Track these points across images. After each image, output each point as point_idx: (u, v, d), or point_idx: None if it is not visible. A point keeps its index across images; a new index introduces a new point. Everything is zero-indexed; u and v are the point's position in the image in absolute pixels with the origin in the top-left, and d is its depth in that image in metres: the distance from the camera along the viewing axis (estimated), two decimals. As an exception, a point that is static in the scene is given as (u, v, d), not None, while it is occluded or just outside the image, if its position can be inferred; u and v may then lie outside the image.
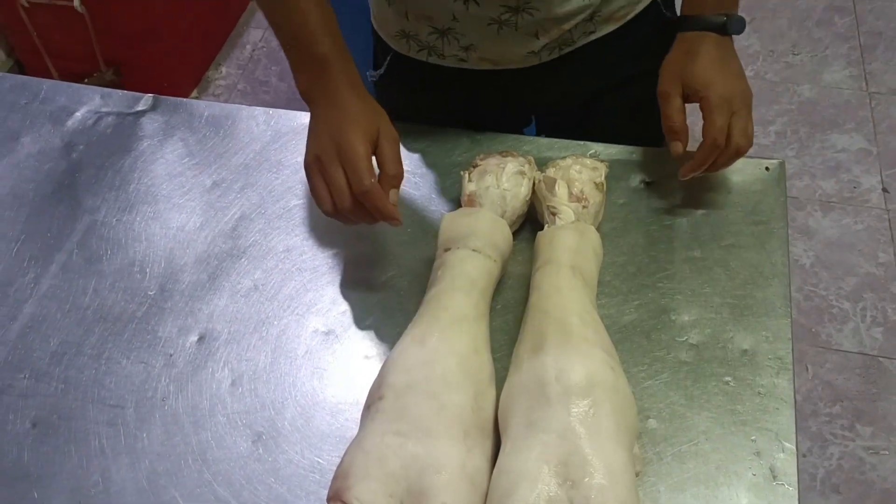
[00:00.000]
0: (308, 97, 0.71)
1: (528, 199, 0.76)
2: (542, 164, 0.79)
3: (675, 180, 0.79)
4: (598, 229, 0.73)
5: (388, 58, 0.86)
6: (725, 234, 0.78)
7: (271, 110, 0.94)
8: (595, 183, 0.75)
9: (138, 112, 0.95)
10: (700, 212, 0.79)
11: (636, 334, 0.71)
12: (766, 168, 0.83)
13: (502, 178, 0.75)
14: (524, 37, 0.78)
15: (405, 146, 0.82)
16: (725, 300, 0.73)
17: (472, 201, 0.74)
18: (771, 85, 1.98)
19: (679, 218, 0.79)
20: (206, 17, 2.05)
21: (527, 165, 0.77)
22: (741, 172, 0.82)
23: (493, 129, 0.85)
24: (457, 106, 0.86)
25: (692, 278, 0.74)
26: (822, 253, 1.68)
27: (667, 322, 0.71)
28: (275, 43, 2.15)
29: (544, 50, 0.81)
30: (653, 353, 0.69)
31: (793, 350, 0.70)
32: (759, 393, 0.67)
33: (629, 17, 0.82)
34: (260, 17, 2.22)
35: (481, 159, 0.78)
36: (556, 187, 0.74)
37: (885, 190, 1.77)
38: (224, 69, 2.09)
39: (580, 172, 0.75)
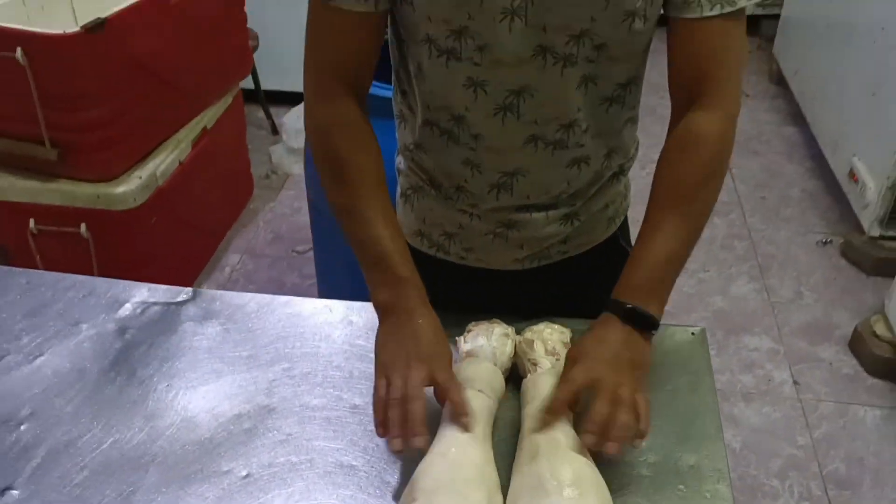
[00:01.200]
0: (386, 310, 0.90)
1: (511, 356, 0.96)
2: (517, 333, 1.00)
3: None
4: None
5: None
6: (666, 383, 0.98)
7: (294, 298, 1.14)
8: (563, 342, 0.96)
9: (180, 302, 1.14)
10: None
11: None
12: (692, 333, 1.06)
13: (492, 338, 0.96)
14: (512, 247, 1.03)
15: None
16: (672, 430, 0.92)
17: (470, 356, 0.94)
18: (687, 297, 2.29)
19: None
20: (192, 243, 2.29)
21: (510, 330, 0.98)
22: (672, 338, 1.05)
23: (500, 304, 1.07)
24: (457, 294, 1.06)
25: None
26: (748, 438, 1.89)
27: (629, 448, 0.90)
28: (251, 266, 2.40)
29: (526, 259, 1.05)
30: (620, 470, 0.87)
31: (728, 464, 0.89)
32: (706, 496, 0.84)
33: (594, 244, 1.07)
34: (238, 243, 2.49)
35: (474, 325, 0.99)
36: (535, 345, 0.95)
37: (795, 382, 2.03)
38: (205, 287, 2.30)
39: (551, 334, 0.97)
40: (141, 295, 1.15)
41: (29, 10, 2.04)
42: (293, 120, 2.89)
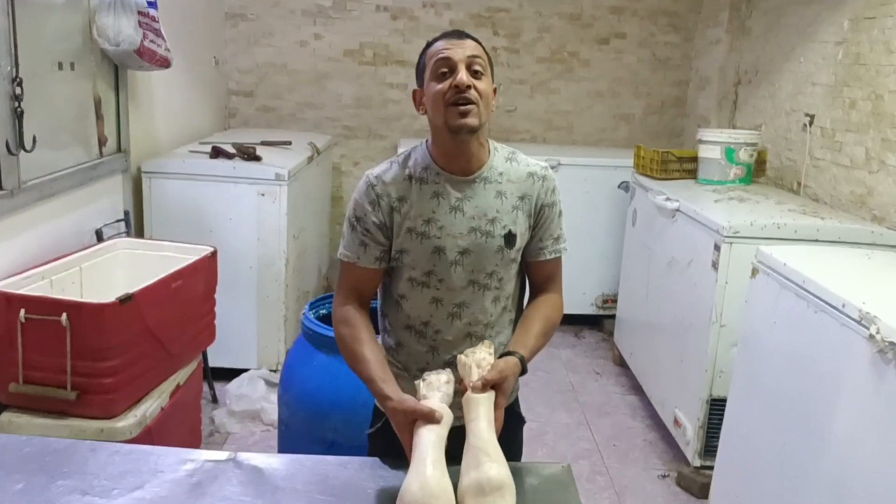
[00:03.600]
0: (382, 405, 1.54)
1: (452, 394, 1.51)
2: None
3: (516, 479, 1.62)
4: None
5: (383, 420, 1.71)
6: (545, 500, 1.59)
7: (304, 457, 1.71)
8: (489, 354, 1.52)
9: (226, 460, 1.68)
10: (533, 483, 1.63)
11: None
12: (562, 466, 1.70)
13: (441, 385, 1.51)
14: (455, 408, 1.63)
15: (388, 474, 1.62)
16: None
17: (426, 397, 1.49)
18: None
19: (518, 489, 1.59)
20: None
21: (451, 377, 1.53)
22: (551, 468, 1.69)
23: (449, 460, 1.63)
24: None
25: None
26: None
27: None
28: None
29: (461, 418, 1.69)
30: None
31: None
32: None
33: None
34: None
35: (426, 375, 1.53)
36: (472, 370, 1.49)
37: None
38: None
39: (483, 358, 1.51)
40: (200, 457, 1.69)
41: (54, 289, 2.66)
42: (234, 388, 3.48)
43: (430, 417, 1.44)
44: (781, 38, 4.07)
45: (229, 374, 3.66)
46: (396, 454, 1.67)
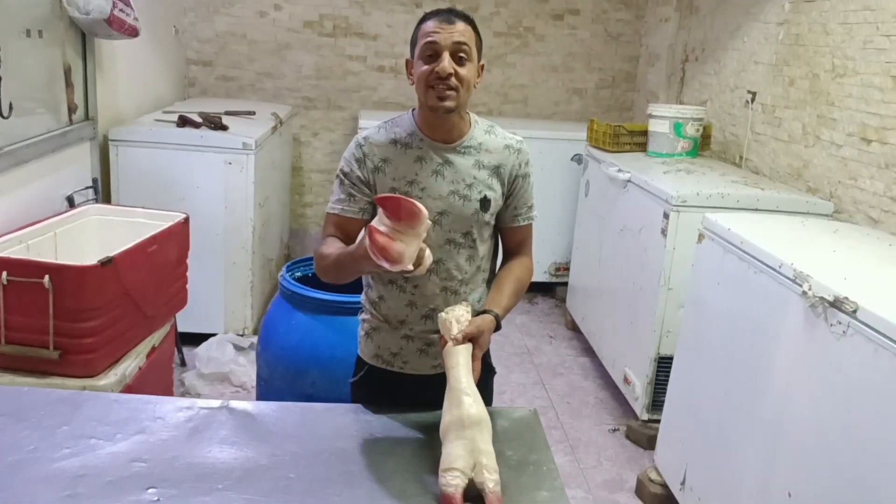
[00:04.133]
0: (358, 254, 1.56)
1: None
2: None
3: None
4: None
5: (365, 369, 1.86)
6: (517, 442, 1.75)
7: (292, 404, 1.85)
8: (467, 312, 1.67)
9: (219, 407, 1.81)
10: (504, 425, 1.79)
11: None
12: (529, 410, 1.87)
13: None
14: (431, 357, 1.83)
15: (371, 419, 1.78)
16: (524, 473, 1.68)
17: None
18: (522, 468, 3.07)
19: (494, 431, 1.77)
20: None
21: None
22: (520, 412, 1.86)
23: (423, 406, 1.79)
24: (397, 393, 1.83)
25: (506, 470, 1.67)
26: (574, 553, 2.60)
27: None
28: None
29: (438, 366, 1.83)
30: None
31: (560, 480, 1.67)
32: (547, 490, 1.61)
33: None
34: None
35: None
36: (451, 324, 1.64)
37: (602, 517, 2.81)
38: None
39: (461, 315, 1.66)
40: (196, 405, 1.81)
41: (31, 253, 2.72)
42: (204, 350, 3.57)
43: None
44: (727, 17, 4.27)
45: (196, 338, 3.75)
46: (377, 401, 1.83)
